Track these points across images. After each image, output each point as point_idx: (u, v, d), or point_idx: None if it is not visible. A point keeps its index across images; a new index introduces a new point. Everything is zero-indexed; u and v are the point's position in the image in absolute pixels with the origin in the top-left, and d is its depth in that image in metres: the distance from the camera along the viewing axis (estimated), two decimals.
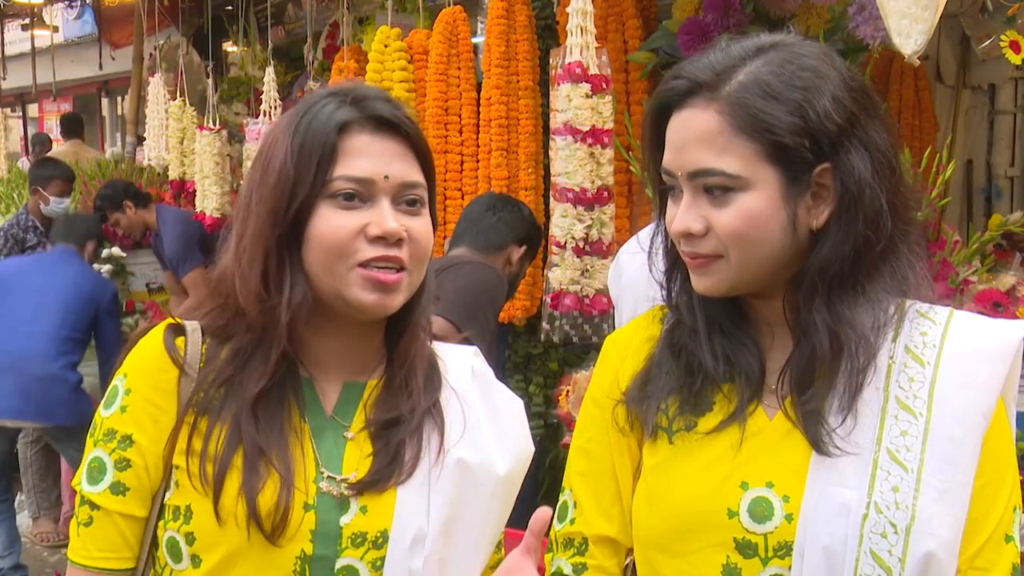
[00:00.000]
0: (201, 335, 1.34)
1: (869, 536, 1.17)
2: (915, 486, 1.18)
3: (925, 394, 1.22)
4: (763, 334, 1.30)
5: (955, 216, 4.24)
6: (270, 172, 1.31)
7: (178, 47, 6.43)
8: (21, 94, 11.99)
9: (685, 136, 1.24)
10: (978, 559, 1.20)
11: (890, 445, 1.20)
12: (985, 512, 1.21)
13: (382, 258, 1.28)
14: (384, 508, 1.31)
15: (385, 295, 1.29)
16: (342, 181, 1.29)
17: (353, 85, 1.37)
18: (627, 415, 1.33)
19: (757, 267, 1.23)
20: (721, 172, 1.21)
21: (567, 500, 1.38)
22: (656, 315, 1.40)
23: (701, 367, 1.29)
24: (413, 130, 1.35)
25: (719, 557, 1.23)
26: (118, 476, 1.29)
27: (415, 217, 1.33)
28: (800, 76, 1.21)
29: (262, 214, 1.30)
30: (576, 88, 3.15)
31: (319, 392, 1.36)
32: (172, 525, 1.28)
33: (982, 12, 3.66)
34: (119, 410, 1.31)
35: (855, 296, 1.23)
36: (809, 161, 1.21)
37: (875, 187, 1.22)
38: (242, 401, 1.29)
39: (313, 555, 1.28)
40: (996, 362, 1.24)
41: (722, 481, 1.24)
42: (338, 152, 1.30)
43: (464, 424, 1.37)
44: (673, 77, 1.27)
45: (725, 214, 1.22)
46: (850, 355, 1.22)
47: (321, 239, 1.28)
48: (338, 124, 1.30)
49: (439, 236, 3.82)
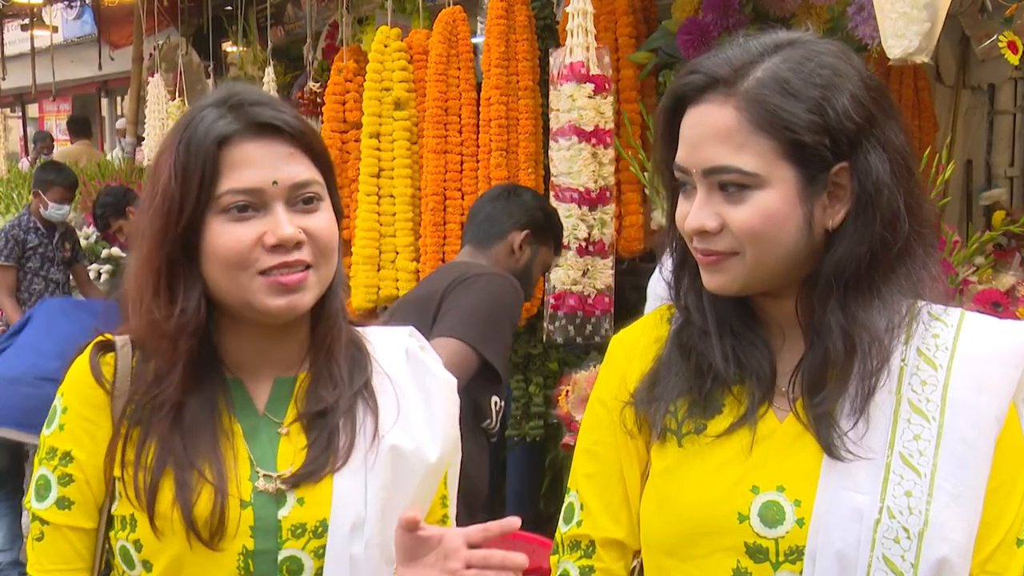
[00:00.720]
0: (132, 348, 1.36)
1: (882, 541, 1.16)
2: (928, 490, 1.16)
3: (938, 398, 1.20)
4: (774, 335, 1.28)
5: (954, 216, 4.24)
6: (157, 190, 1.31)
7: (177, 47, 6.43)
8: (21, 94, 11.99)
9: (701, 132, 1.21)
10: (990, 563, 1.19)
11: (903, 449, 1.18)
12: (998, 516, 1.19)
13: (282, 265, 1.29)
14: (321, 497, 1.32)
15: (292, 296, 1.30)
16: (230, 195, 1.28)
17: (233, 90, 1.35)
18: (635, 417, 1.31)
19: (772, 266, 1.21)
20: (737, 169, 1.19)
21: (573, 502, 1.37)
22: (663, 315, 1.37)
23: (711, 368, 1.27)
24: (297, 129, 1.33)
25: (729, 561, 1.22)
26: (62, 491, 1.33)
27: (313, 215, 1.32)
28: (819, 74, 1.19)
29: (150, 235, 1.31)
30: (580, 88, 3.16)
31: (250, 392, 1.38)
32: (121, 534, 1.33)
33: (981, 12, 3.66)
34: (58, 428, 1.35)
35: (870, 298, 1.21)
36: (827, 160, 1.19)
37: (893, 188, 1.20)
38: (163, 416, 1.31)
39: (255, 550, 1.30)
40: (1009, 366, 1.22)
41: (733, 485, 1.23)
42: (221, 166, 1.29)
43: (398, 410, 1.39)
44: (689, 72, 1.24)
45: (741, 211, 1.19)
46: (863, 357, 1.20)
47: (218, 254, 1.29)
48: (217, 138, 1.29)
49: (438, 237, 3.82)
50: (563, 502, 1.41)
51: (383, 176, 4.06)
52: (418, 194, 4.00)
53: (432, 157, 3.84)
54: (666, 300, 1.38)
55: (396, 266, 4.03)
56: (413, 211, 4.00)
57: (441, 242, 3.84)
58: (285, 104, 1.37)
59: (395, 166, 4.03)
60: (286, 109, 1.34)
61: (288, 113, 1.33)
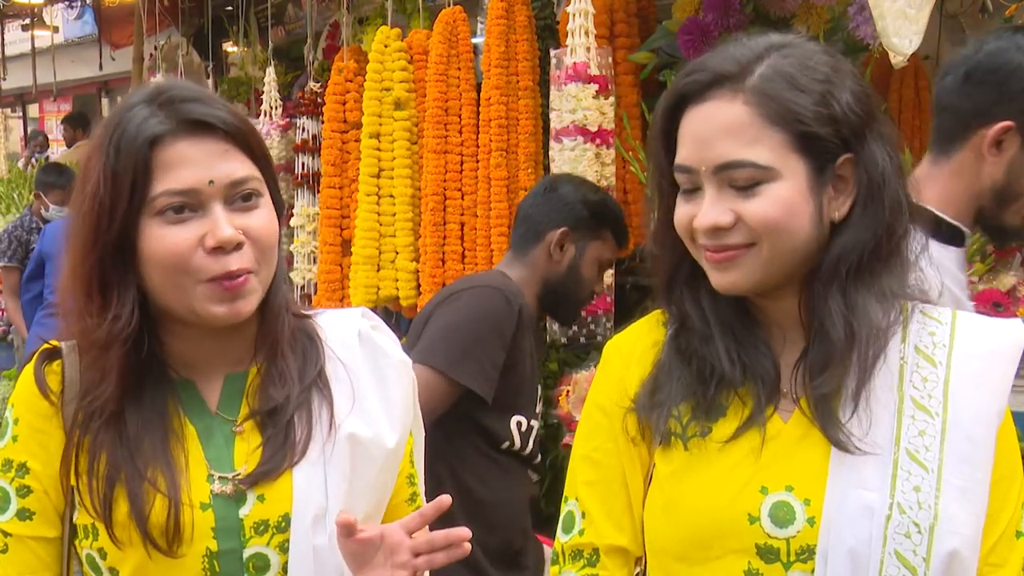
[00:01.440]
0: (78, 354, 1.34)
1: (893, 537, 1.17)
2: (936, 485, 1.18)
3: (940, 394, 1.22)
4: (774, 337, 1.29)
5: None
6: (85, 196, 1.27)
7: (178, 47, 6.42)
8: (21, 94, 11.98)
9: (709, 129, 1.21)
10: (992, 555, 1.21)
11: (908, 445, 1.19)
12: (999, 508, 1.21)
13: (224, 274, 1.26)
14: (282, 493, 1.31)
15: (235, 302, 1.28)
16: (165, 197, 1.25)
17: (163, 86, 1.32)
18: (638, 424, 1.31)
19: (786, 259, 1.22)
20: (752, 163, 1.19)
21: (573, 511, 1.36)
22: (658, 319, 1.37)
23: (715, 372, 1.27)
24: (232, 125, 1.29)
25: (740, 563, 1.22)
26: (22, 503, 1.32)
27: (252, 212, 1.29)
28: (820, 70, 1.22)
29: (80, 241, 1.28)
30: (584, 89, 3.16)
31: (201, 391, 1.36)
32: (85, 543, 1.32)
33: (982, 12, 3.65)
34: (11, 440, 1.33)
35: (871, 284, 1.23)
36: (834, 152, 1.21)
37: (896, 178, 1.23)
38: (105, 424, 1.29)
39: (219, 551, 1.29)
40: (1007, 362, 1.24)
41: (742, 486, 1.23)
42: (154, 167, 1.25)
43: (353, 397, 1.37)
44: (691, 71, 1.25)
45: (757, 203, 1.20)
46: (861, 345, 1.21)
47: (157, 258, 1.25)
48: (149, 138, 1.25)
49: (438, 237, 3.82)
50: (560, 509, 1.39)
51: (383, 176, 4.05)
52: (418, 194, 4.00)
53: (432, 157, 3.84)
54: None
55: (396, 266, 4.02)
56: (413, 211, 4.00)
57: (441, 242, 3.83)
58: (218, 99, 1.33)
59: (395, 166, 4.02)
60: (219, 104, 1.30)
61: (221, 108, 1.30)
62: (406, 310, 4.05)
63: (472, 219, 3.80)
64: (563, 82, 3.25)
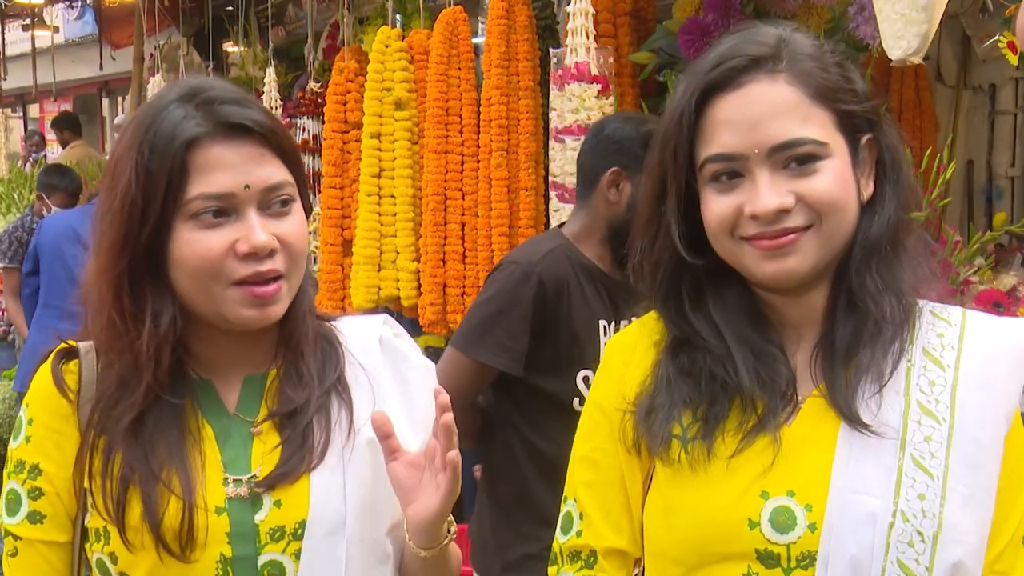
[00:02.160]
0: (96, 354, 1.31)
1: (896, 545, 1.15)
2: (941, 493, 1.15)
3: (947, 398, 1.19)
4: (788, 338, 1.27)
5: (956, 216, 4.23)
6: (116, 196, 1.24)
7: (178, 47, 6.42)
8: (22, 94, 11.98)
9: (759, 110, 1.19)
10: (998, 563, 1.18)
11: (914, 451, 1.17)
12: (1006, 515, 1.19)
13: (255, 275, 1.24)
14: (299, 498, 1.29)
15: (265, 308, 1.26)
16: (200, 200, 1.22)
17: (198, 85, 1.28)
18: (635, 433, 1.28)
19: (839, 240, 1.21)
20: (812, 140, 1.18)
21: (571, 511, 1.34)
22: (658, 317, 1.34)
23: (728, 388, 1.24)
24: (267, 128, 1.27)
25: (740, 568, 1.20)
26: (33, 505, 1.30)
27: (285, 219, 1.27)
28: (830, 53, 1.24)
29: (109, 243, 1.25)
30: (587, 89, 3.16)
31: (220, 392, 1.34)
32: (96, 547, 1.29)
33: (982, 12, 3.66)
34: (24, 441, 1.31)
35: (900, 257, 1.24)
36: (863, 131, 1.22)
37: (907, 159, 1.26)
38: (123, 431, 1.26)
39: (233, 556, 1.26)
40: (1016, 364, 1.22)
41: (742, 491, 1.21)
42: (190, 169, 1.22)
43: (373, 402, 1.35)
44: (719, 61, 1.22)
45: (817, 181, 1.18)
46: (891, 327, 1.21)
47: (188, 262, 1.23)
48: (185, 140, 1.22)
49: (438, 237, 3.82)
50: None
51: (384, 176, 4.05)
52: (419, 194, 4.00)
53: (433, 157, 3.84)
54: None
55: (397, 266, 4.03)
56: (414, 211, 4.00)
57: (442, 242, 3.84)
58: (253, 100, 1.31)
59: (396, 166, 4.03)
60: (254, 106, 1.29)
61: (257, 110, 1.28)
62: (407, 310, 4.05)
63: (473, 219, 3.80)
64: (565, 82, 3.25)
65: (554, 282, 2.44)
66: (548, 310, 2.42)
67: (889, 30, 2.35)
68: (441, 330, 3.84)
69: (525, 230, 3.66)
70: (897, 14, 2.32)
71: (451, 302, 3.80)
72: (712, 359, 1.25)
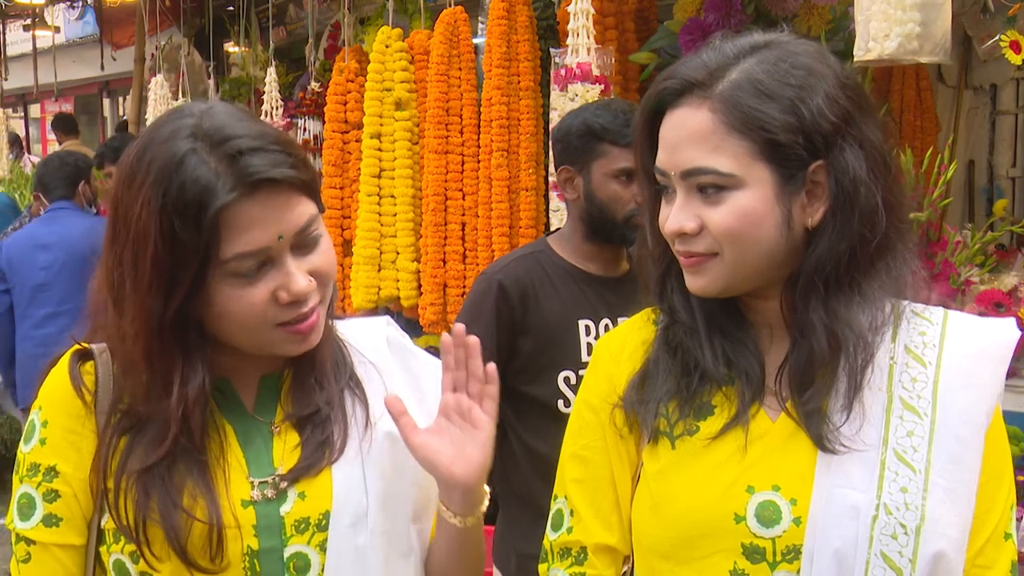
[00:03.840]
0: (111, 356, 1.31)
1: (879, 538, 1.17)
2: (923, 486, 1.17)
3: (929, 394, 1.21)
4: (762, 334, 1.29)
5: (957, 217, 4.23)
6: (141, 259, 1.20)
7: (180, 48, 6.42)
8: (23, 95, 11.98)
9: (678, 135, 1.23)
10: (980, 557, 1.20)
11: (896, 446, 1.19)
12: (987, 510, 1.21)
13: (299, 317, 1.26)
14: (322, 490, 1.30)
15: (307, 338, 1.29)
16: (237, 261, 1.20)
17: (211, 126, 1.21)
18: (625, 418, 1.31)
19: (752, 266, 1.22)
20: (713, 171, 1.20)
21: (562, 508, 1.36)
22: (649, 317, 1.38)
23: (698, 366, 1.28)
24: (291, 175, 1.22)
25: (726, 563, 1.22)
26: (48, 508, 1.28)
27: (316, 251, 1.27)
28: (793, 74, 1.20)
29: (139, 305, 1.22)
30: (589, 89, 3.16)
31: (238, 391, 1.35)
32: (115, 548, 1.27)
33: (983, 12, 3.65)
34: (39, 443, 1.29)
35: (851, 295, 1.22)
36: (803, 159, 1.20)
37: (870, 185, 1.21)
38: (140, 466, 1.25)
39: (260, 549, 1.27)
40: (997, 362, 1.24)
41: (728, 486, 1.23)
42: (222, 230, 1.18)
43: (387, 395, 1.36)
44: (666, 77, 1.26)
45: (719, 212, 1.21)
46: (848, 354, 1.21)
47: (232, 317, 1.23)
48: (217, 208, 1.17)
49: (439, 237, 3.82)
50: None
51: (384, 176, 4.05)
52: (419, 194, 4.00)
53: (433, 157, 3.84)
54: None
55: (397, 266, 4.02)
56: (414, 211, 4.00)
57: (442, 242, 3.83)
58: (270, 135, 1.25)
59: (396, 166, 4.02)
60: (274, 145, 1.23)
61: (278, 152, 1.23)
62: (407, 310, 4.05)
63: (473, 219, 3.80)
64: (566, 82, 3.25)
65: (517, 287, 2.46)
66: (514, 313, 2.45)
67: (874, 29, 2.34)
68: (441, 330, 3.84)
69: (525, 230, 3.66)
70: (881, 13, 2.32)
71: (451, 302, 3.80)
72: (685, 332, 1.29)
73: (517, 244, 3.58)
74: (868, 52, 2.37)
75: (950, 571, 1.17)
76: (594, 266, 2.52)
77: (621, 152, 2.44)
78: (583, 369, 2.44)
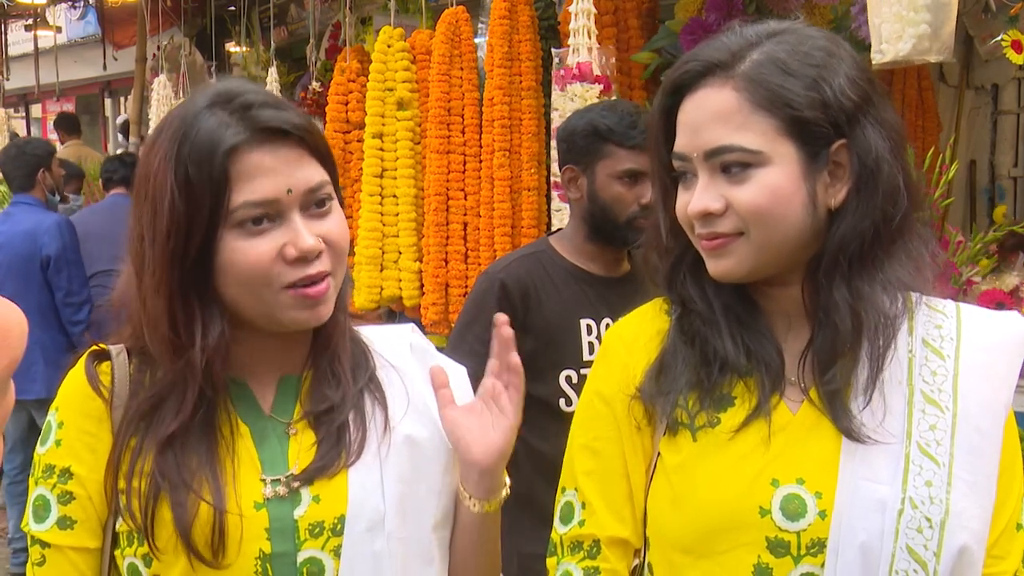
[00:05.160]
0: (128, 357, 1.31)
1: (905, 532, 1.17)
2: (947, 480, 1.18)
3: (949, 387, 1.22)
4: (778, 326, 1.28)
5: (958, 217, 4.23)
6: (159, 211, 1.22)
7: (181, 47, 6.43)
8: (24, 95, 11.99)
9: (701, 116, 1.22)
10: (995, 548, 1.21)
11: (920, 439, 1.19)
12: (1003, 502, 1.21)
13: (306, 278, 1.24)
14: (337, 493, 1.28)
15: (316, 308, 1.27)
16: (245, 209, 1.21)
17: (229, 89, 1.26)
18: (644, 411, 1.29)
19: (778, 247, 1.22)
20: (740, 148, 1.20)
21: (572, 501, 1.34)
22: (661, 307, 1.36)
23: (717, 355, 1.26)
24: (304, 129, 1.26)
25: (750, 557, 1.21)
26: (63, 511, 1.27)
27: (327, 218, 1.27)
28: (814, 55, 1.22)
29: (159, 258, 1.24)
30: (589, 89, 3.16)
31: (255, 393, 1.33)
32: (128, 551, 1.27)
33: (985, 12, 3.65)
34: (54, 445, 1.29)
35: (875, 273, 1.23)
36: (827, 137, 1.21)
37: (892, 162, 1.22)
38: (159, 438, 1.25)
39: (272, 553, 1.25)
40: (1012, 355, 1.25)
41: (752, 479, 1.22)
42: (232, 177, 1.21)
43: (408, 400, 1.35)
44: (686, 61, 1.26)
45: (745, 190, 1.20)
46: (870, 334, 1.21)
47: (238, 271, 1.23)
48: (226, 149, 1.21)
49: (440, 237, 3.82)
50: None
51: (386, 176, 4.06)
52: (421, 194, 4.00)
53: (435, 157, 3.84)
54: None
55: (399, 266, 4.03)
56: (416, 211, 4.00)
57: (444, 242, 3.84)
58: (285, 101, 1.30)
59: (398, 166, 4.03)
60: (289, 107, 1.28)
61: (292, 112, 1.27)
62: (409, 310, 4.05)
63: (475, 219, 3.81)
64: (566, 82, 3.25)
65: (518, 286, 2.46)
66: (516, 313, 2.43)
67: (886, 31, 2.34)
68: (443, 330, 3.84)
69: (527, 230, 3.67)
70: (893, 14, 2.32)
71: (453, 302, 3.80)
72: (701, 321, 1.28)
73: (519, 244, 3.58)
74: (884, 55, 2.37)
75: (972, 563, 1.17)
76: (596, 266, 2.52)
77: (626, 153, 2.45)
78: (585, 368, 2.44)
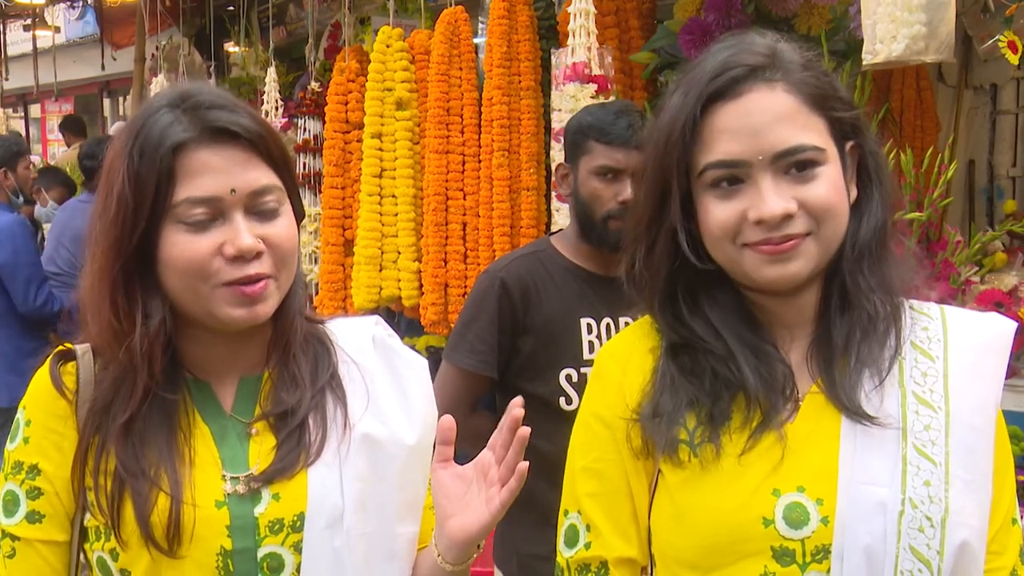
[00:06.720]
0: (92, 356, 1.34)
1: (907, 532, 1.18)
2: (944, 479, 1.19)
3: (940, 388, 1.23)
4: (780, 338, 1.29)
5: (957, 217, 4.23)
6: (109, 201, 1.28)
7: (179, 47, 6.43)
8: (23, 95, 12.00)
9: (760, 119, 1.21)
10: (993, 543, 1.22)
11: (915, 440, 1.21)
12: (998, 497, 1.23)
13: (243, 278, 1.26)
14: (297, 491, 1.31)
15: (253, 306, 1.28)
16: (187, 205, 1.25)
17: (187, 91, 1.30)
18: (643, 436, 1.28)
19: (834, 243, 1.25)
20: (812, 146, 1.21)
21: (576, 524, 1.33)
22: (651, 324, 1.35)
23: (732, 386, 1.26)
24: (254, 133, 1.29)
25: (756, 567, 1.21)
26: (32, 505, 1.31)
27: (274, 222, 1.29)
28: (815, 61, 1.27)
29: (105, 245, 1.28)
30: (583, 89, 3.16)
31: (216, 393, 1.36)
32: (96, 545, 1.31)
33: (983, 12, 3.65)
34: (22, 442, 1.33)
35: (882, 266, 1.27)
36: (847, 136, 1.26)
37: (887, 167, 1.29)
38: (118, 430, 1.29)
39: (233, 549, 1.28)
40: (998, 354, 1.27)
41: (754, 490, 1.22)
42: (177, 173, 1.25)
43: (368, 397, 1.37)
44: (724, 68, 1.22)
45: (816, 188, 1.21)
46: (890, 319, 1.26)
47: (176, 264, 1.26)
48: (172, 145, 1.25)
49: (440, 237, 3.82)
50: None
51: (385, 176, 4.06)
52: (420, 194, 4.00)
53: (434, 157, 3.84)
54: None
55: (398, 266, 4.03)
56: (415, 211, 4.01)
57: (443, 242, 3.84)
58: (242, 105, 1.33)
59: (397, 166, 4.03)
60: (243, 111, 1.30)
61: (245, 115, 1.29)
62: (408, 310, 4.05)
63: (474, 219, 3.81)
64: (562, 82, 3.25)
65: (519, 285, 2.45)
66: (516, 311, 2.44)
67: (881, 32, 2.34)
68: (442, 330, 3.84)
69: (527, 230, 3.67)
70: (888, 15, 2.32)
71: (452, 302, 3.80)
72: (715, 359, 1.27)
73: (518, 244, 3.58)
74: (876, 55, 2.37)
75: (974, 559, 1.19)
76: (594, 265, 2.51)
77: (604, 149, 2.41)
78: (585, 367, 2.43)
